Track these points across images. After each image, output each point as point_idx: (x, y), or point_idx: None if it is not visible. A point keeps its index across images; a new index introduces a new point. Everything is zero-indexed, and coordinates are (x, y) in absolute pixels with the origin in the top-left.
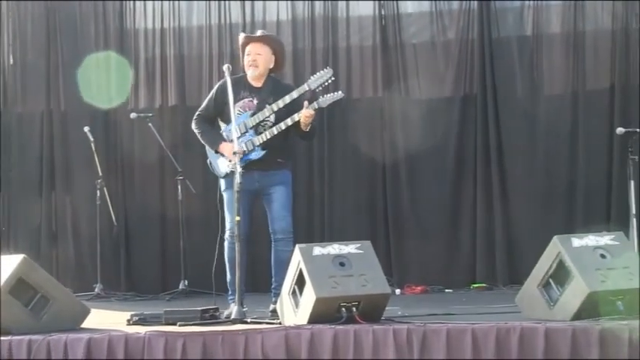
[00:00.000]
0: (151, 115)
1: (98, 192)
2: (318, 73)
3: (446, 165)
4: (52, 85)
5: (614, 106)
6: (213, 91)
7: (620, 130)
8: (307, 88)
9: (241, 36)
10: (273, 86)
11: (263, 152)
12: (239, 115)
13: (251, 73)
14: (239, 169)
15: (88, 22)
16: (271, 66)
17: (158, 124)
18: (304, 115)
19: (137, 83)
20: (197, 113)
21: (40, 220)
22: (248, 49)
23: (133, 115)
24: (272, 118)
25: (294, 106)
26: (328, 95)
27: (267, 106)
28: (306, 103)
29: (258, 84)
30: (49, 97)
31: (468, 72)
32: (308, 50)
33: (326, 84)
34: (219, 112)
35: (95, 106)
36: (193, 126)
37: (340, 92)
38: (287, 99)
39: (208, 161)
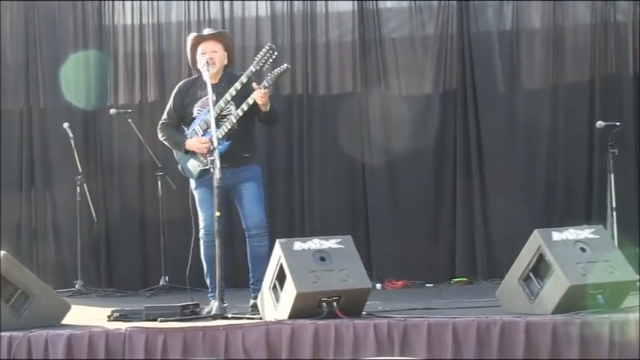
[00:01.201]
0: (130, 111)
1: (78, 188)
2: (260, 53)
3: (426, 160)
4: (31, 82)
5: (593, 100)
6: (171, 99)
7: (600, 123)
8: (253, 70)
9: (191, 36)
10: (230, 80)
11: (227, 143)
12: (199, 113)
13: (210, 71)
14: (218, 165)
15: (67, 19)
16: (226, 62)
17: (137, 120)
18: (257, 96)
19: (116, 79)
20: (161, 122)
21: (20, 217)
22: (202, 48)
23: (112, 111)
24: (232, 108)
25: (249, 92)
26: (274, 71)
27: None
28: (254, 84)
29: (214, 81)
30: (29, 94)
31: (448, 67)
32: (287, 46)
33: (270, 60)
34: (180, 116)
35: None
36: (159, 135)
37: (285, 65)
38: (238, 86)
39: (180, 167)
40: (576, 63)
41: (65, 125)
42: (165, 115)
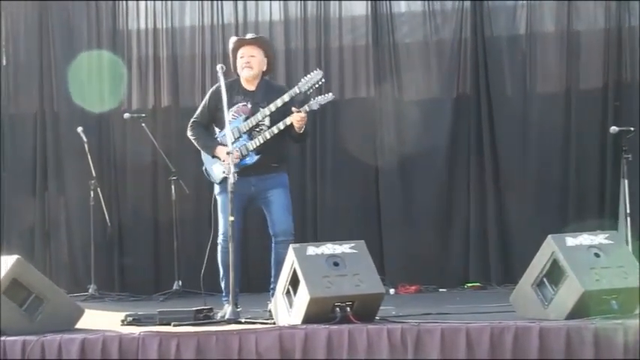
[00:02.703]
0: (144, 115)
1: (92, 192)
2: (308, 75)
3: (439, 164)
4: (44, 85)
5: (607, 106)
6: (207, 97)
7: (613, 128)
8: (298, 91)
9: (233, 39)
10: (267, 89)
11: (257, 157)
12: (233, 119)
13: (246, 74)
14: (232, 170)
15: (81, 23)
16: (264, 69)
17: (151, 124)
18: (296, 119)
19: (130, 84)
20: (192, 120)
21: (33, 221)
22: (241, 51)
23: (126, 115)
24: (267, 121)
25: (288, 109)
26: (319, 97)
27: (261, 109)
28: (294, 108)
29: (251, 87)
30: (42, 97)
31: (461, 71)
32: (300, 50)
33: (317, 86)
34: (212, 117)
35: (88, 108)
36: (189, 133)
37: (331, 94)
38: (279, 102)
39: (204, 168)
40: (590, 67)
41: (79, 129)
42: (197, 113)
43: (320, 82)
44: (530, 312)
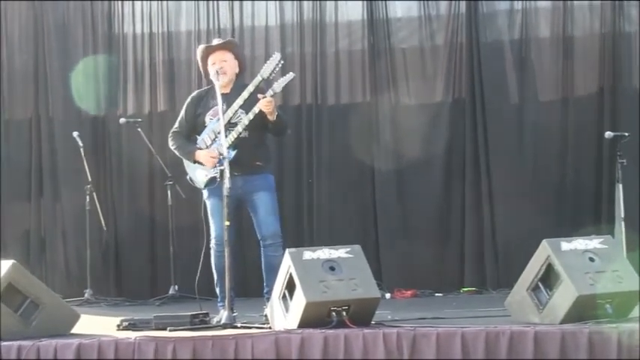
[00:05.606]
0: (140, 120)
1: (87, 197)
2: (268, 61)
3: (435, 169)
4: (40, 90)
5: (602, 110)
6: (183, 108)
7: (608, 134)
8: (261, 78)
9: (201, 47)
10: (240, 89)
11: (234, 152)
12: (210, 122)
13: (221, 81)
14: (227, 174)
15: (76, 28)
16: (237, 71)
17: (147, 129)
18: (263, 104)
19: (126, 88)
20: (172, 130)
21: (29, 226)
22: (212, 58)
23: (122, 120)
24: (243, 117)
25: (257, 100)
26: (280, 79)
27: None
28: (260, 95)
29: (226, 90)
30: (37, 102)
31: (457, 76)
32: (297, 55)
33: (277, 69)
34: (191, 126)
35: (84, 112)
36: (170, 143)
37: (291, 73)
38: (245, 94)
39: (188, 177)
40: (585, 73)
41: (75, 134)
42: (176, 124)
43: (280, 65)
44: (525, 316)
